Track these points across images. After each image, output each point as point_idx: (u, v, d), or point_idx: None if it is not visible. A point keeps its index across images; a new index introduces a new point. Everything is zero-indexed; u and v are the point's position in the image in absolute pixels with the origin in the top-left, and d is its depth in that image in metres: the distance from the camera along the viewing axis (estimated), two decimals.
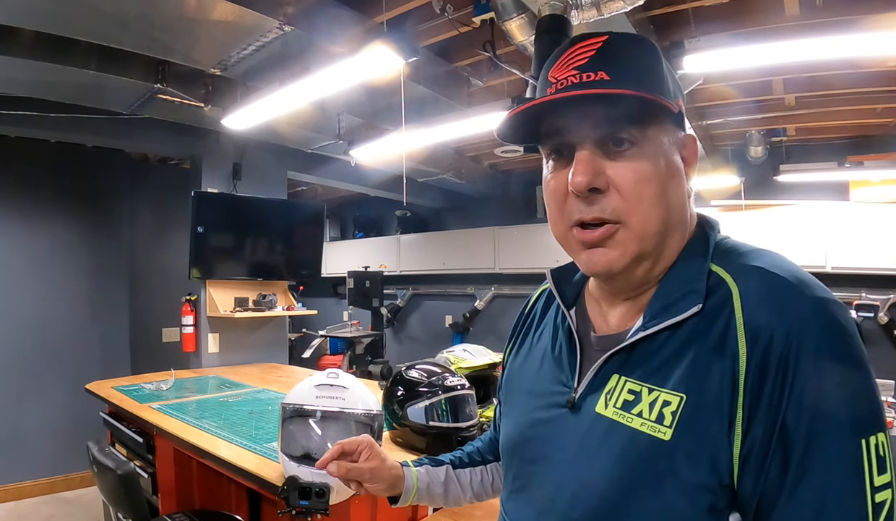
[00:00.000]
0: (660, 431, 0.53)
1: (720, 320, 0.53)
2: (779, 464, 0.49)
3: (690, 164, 0.62)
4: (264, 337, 3.75)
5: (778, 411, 0.49)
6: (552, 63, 0.61)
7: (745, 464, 0.50)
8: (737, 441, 0.50)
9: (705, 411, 0.51)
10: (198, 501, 1.90)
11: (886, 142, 3.58)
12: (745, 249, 0.59)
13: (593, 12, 1.78)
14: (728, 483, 0.51)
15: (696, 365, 0.53)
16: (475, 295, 5.31)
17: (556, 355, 0.68)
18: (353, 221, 6.58)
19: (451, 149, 4.25)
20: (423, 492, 0.87)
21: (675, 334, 0.56)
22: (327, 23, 2.13)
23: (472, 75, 2.91)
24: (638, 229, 0.57)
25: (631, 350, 0.59)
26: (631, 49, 0.59)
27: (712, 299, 0.55)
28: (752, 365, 0.50)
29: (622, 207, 0.56)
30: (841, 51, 1.93)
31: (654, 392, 0.55)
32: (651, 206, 0.56)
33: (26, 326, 3.65)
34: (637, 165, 0.56)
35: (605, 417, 0.58)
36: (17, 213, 3.67)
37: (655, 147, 0.57)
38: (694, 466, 0.51)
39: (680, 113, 0.60)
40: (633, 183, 0.56)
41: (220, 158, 3.56)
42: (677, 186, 0.59)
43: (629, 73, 0.56)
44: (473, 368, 1.90)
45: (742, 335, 0.51)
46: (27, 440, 3.60)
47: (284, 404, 1.32)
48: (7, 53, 2.22)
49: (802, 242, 3.57)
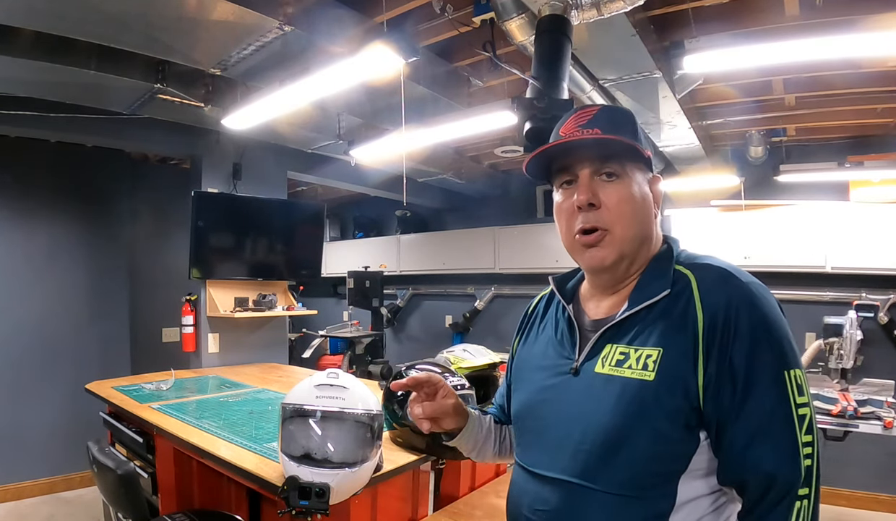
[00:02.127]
0: (646, 375, 0.76)
1: (683, 298, 0.78)
2: (729, 391, 0.72)
3: (657, 195, 0.88)
4: (264, 337, 3.75)
5: (726, 353, 0.73)
6: (561, 124, 0.88)
7: (706, 392, 0.73)
8: (699, 376, 0.73)
9: (677, 358, 0.75)
10: (198, 501, 1.90)
11: (886, 142, 3.58)
12: (698, 254, 0.86)
13: (593, 12, 1.78)
14: (696, 406, 0.74)
15: (668, 328, 0.77)
16: (475, 295, 5.31)
17: (558, 338, 0.91)
18: (353, 221, 6.58)
19: (451, 149, 4.25)
20: (468, 430, 0.99)
21: (651, 311, 0.80)
22: (327, 23, 2.13)
23: (472, 75, 2.91)
24: (620, 235, 0.82)
25: (620, 326, 0.82)
26: (616, 114, 0.89)
27: (677, 286, 0.80)
28: (706, 326, 0.74)
29: (609, 218, 0.82)
30: (841, 51, 1.93)
31: (639, 350, 0.78)
32: (629, 220, 0.83)
33: (26, 326, 3.65)
34: (620, 190, 0.83)
35: (602, 374, 0.80)
36: (17, 213, 3.67)
37: (632, 179, 0.84)
38: (672, 395, 0.74)
39: (649, 158, 0.86)
40: (617, 202, 0.82)
41: (220, 158, 3.56)
42: (646, 208, 0.85)
43: (615, 129, 0.83)
44: (473, 368, 1.90)
45: (699, 307, 0.76)
46: (27, 440, 3.60)
47: (284, 404, 1.32)
48: (7, 53, 2.22)
49: (802, 242, 3.57)
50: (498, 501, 1.68)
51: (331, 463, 1.26)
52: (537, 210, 5.13)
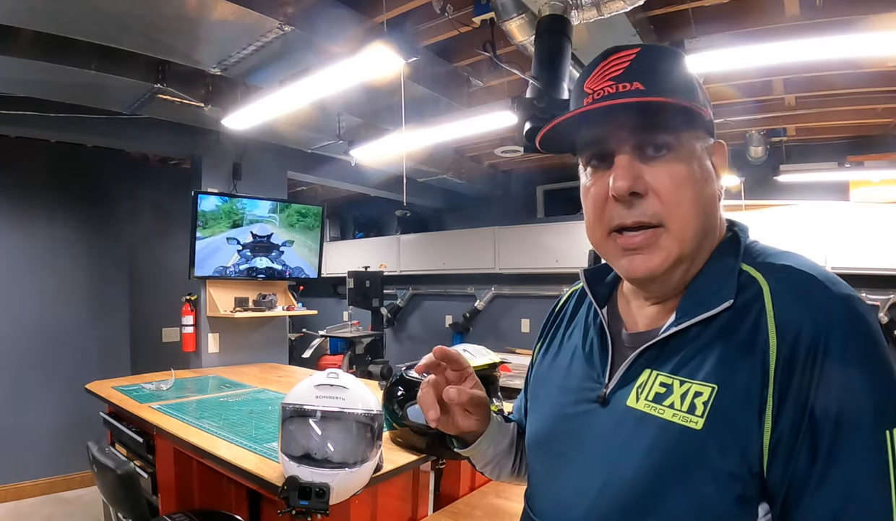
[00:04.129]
0: (692, 421, 0.54)
1: (751, 314, 0.55)
2: (807, 453, 0.50)
3: (720, 169, 0.64)
4: (264, 337, 3.75)
5: (806, 402, 0.50)
6: (587, 75, 0.63)
7: (775, 453, 0.51)
8: (766, 430, 0.52)
9: (736, 401, 0.53)
10: (198, 501, 1.90)
11: (886, 142, 3.58)
12: (774, 250, 0.62)
13: (593, 12, 1.79)
14: (758, 471, 0.52)
15: (728, 357, 0.55)
16: (475, 295, 5.31)
17: (586, 352, 0.70)
18: (353, 221, 6.58)
19: (451, 149, 4.25)
20: (487, 439, 0.78)
21: (706, 328, 0.58)
22: (327, 23, 2.13)
23: (472, 75, 2.91)
24: (678, 232, 0.59)
25: (663, 345, 0.60)
26: (663, 60, 0.62)
27: (743, 296, 0.57)
28: (781, 357, 0.52)
29: (662, 210, 0.59)
30: (841, 51, 1.93)
31: (685, 384, 0.57)
32: (689, 209, 0.59)
33: (26, 326, 3.65)
34: (674, 170, 0.59)
35: (635, 410, 0.59)
36: (17, 213, 3.67)
37: (689, 153, 0.60)
38: (725, 454, 0.53)
39: (710, 121, 0.63)
40: (672, 187, 0.58)
41: (220, 158, 3.56)
42: (710, 190, 0.62)
43: (663, 83, 0.59)
44: (473, 368, 1.89)
45: (773, 329, 0.53)
46: (27, 440, 3.60)
47: (284, 404, 1.32)
48: (7, 53, 2.22)
49: (802, 242, 3.57)
50: (498, 501, 1.68)
51: (331, 463, 1.26)
52: (537, 210, 5.13)
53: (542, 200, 5.12)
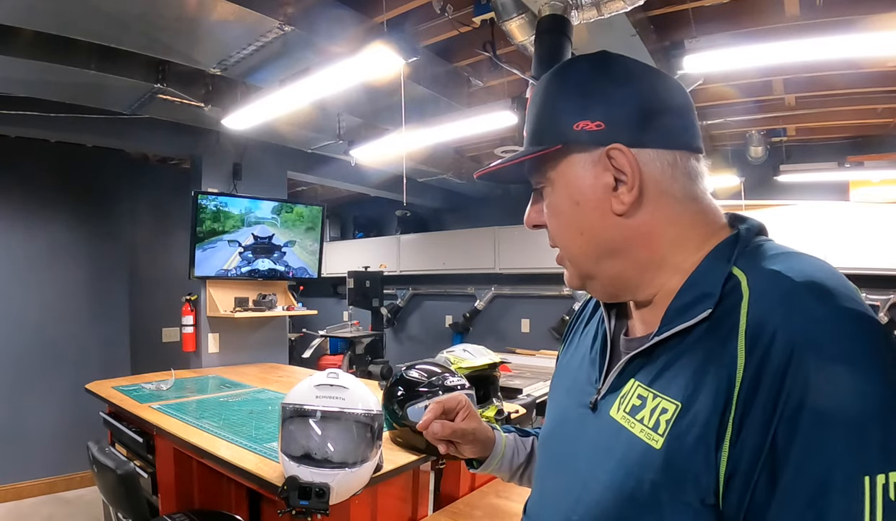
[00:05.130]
0: (653, 439, 0.51)
1: (726, 325, 0.49)
2: (765, 486, 0.44)
3: (629, 174, 0.56)
4: (264, 337, 3.75)
5: (769, 427, 0.43)
6: None
7: (730, 482, 0.46)
8: (724, 458, 0.46)
9: (696, 423, 0.48)
10: (198, 501, 1.90)
11: (886, 142, 3.58)
12: (777, 251, 0.54)
13: (593, 12, 1.79)
14: (712, 503, 0.47)
15: (697, 373, 0.50)
16: (475, 295, 5.31)
17: (592, 355, 0.69)
18: (353, 221, 6.59)
19: (451, 149, 4.25)
20: (506, 460, 0.84)
21: (684, 339, 0.53)
22: (327, 23, 2.13)
23: (472, 75, 2.92)
24: (568, 255, 0.64)
25: (650, 354, 0.57)
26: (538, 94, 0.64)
27: (724, 304, 0.51)
28: (747, 375, 0.46)
29: (554, 238, 0.65)
30: (841, 51, 1.93)
31: (657, 398, 0.53)
32: (568, 236, 0.62)
33: (26, 326, 3.65)
34: (552, 204, 0.63)
35: (615, 421, 0.58)
36: (18, 213, 3.67)
37: (563, 184, 0.61)
38: (678, 481, 0.48)
39: (583, 132, 0.58)
40: (551, 218, 0.63)
41: (220, 158, 3.56)
42: (596, 211, 0.59)
43: (532, 129, 0.64)
44: (473, 368, 1.89)
45: (742, 344, 0.47)
46: (27, 440, 3.60)
47: (284, 404, 1.32)
48: (7, 53, 2.22)
49: (802, 242, 3.55)
50: (498, 501, 1.68)
51: (331, 463, 1.26)
52: None
53: None
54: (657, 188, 0.57)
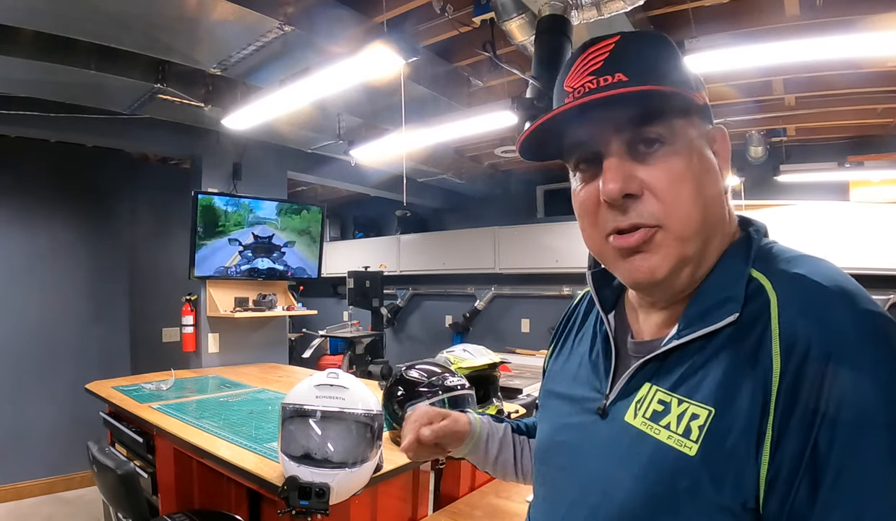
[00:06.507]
0: (686, 445, 0.50)
1: (756, 330, 0.49)
2: (807, 490, 0.44)
3: (723, 158, 0.58)
4: (264, 337, 3.75)
5: (810, 432, 0.44)
6: (566, 72, 0.58)
7: (772, 486, 0.46)
8: (764, 462, 0.46)
9: (734, 428, 0.48)
10: (198, 501, 1.90)
11: (886, 142, 3.58)
12: (791, 254, 0.55)
13: (593, 12, 1.79)
14: (752, 507, 0.47)
15: (728, 377, 0.50)
16: (475, 295, 5.31)
17: (592, 359, 0.66)
18: (353, 221, 6.59)
19: (451, 149, 4.25)
20: (481, 442, 0.83)
21: (709, 343, 0.52)
22: (327, 23, 2.13)
23: (472, 75, 2.92)
24: (678, 231, 0.53)
25: (665, 359, 0.56)
26: (646, 46, 0.57)
27: (750, 307, 0.51)
28: (785, 381, 0.46)
29: (660, 210, 0.53)
30: (841, 51, 1.93)
31: (683, 404, 0.52)
32: (689, 205, 0.53)
33: (26, 326, 3.65)
34: (670, 165, 0.53)
35: (633, 427, 0.56)
36: (17, 213, 3.67)
37: (686, 143, 0.54)
38: (718, 486, 0.48)
39: (705, 105, 0.58)
40: (669, 183, 0.53)
41: (220, 158, 3.56)
42: (713, 183, 0.56)
43: (647, 70, 0.54)
44: (473, 368, 1.89)
45: (777, 349, 0.47)
46: (27, 440, 3.60)
47: (284, 404, 1.32)
48: (7, 53, 2.22)
49: (802, 242, 3.55)
50: (498, 501, 1.68)
51: (331, 463, 1.26)
52: (537, 210, 5.13)
53: (542, 200, 5.12)
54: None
